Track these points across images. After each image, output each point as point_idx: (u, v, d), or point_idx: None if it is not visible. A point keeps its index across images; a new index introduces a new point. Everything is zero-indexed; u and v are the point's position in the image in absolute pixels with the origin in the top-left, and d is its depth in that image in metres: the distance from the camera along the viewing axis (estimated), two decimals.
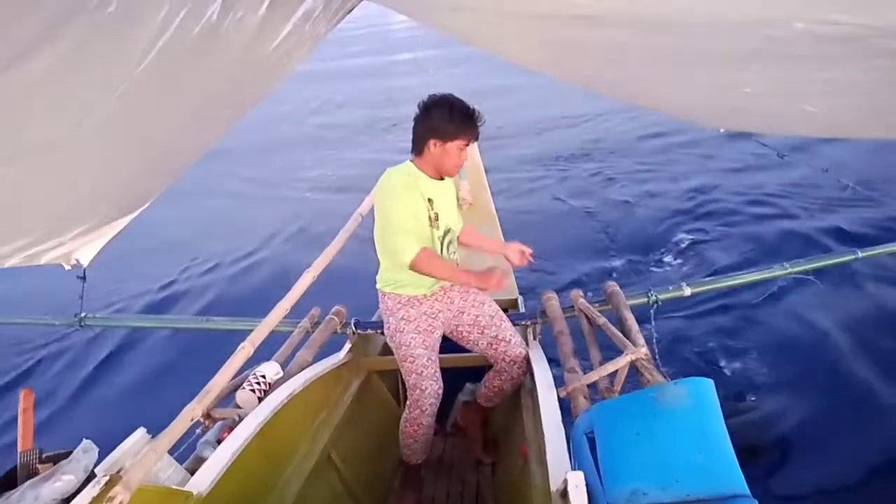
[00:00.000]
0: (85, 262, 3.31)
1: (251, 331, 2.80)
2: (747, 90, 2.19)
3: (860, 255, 3.58)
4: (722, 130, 3.29)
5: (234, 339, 2.75)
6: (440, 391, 2.80)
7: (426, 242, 2.61)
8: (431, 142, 2.54)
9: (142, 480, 1.85)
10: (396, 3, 2.74)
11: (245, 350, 2.66)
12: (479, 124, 2.56)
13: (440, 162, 2.59)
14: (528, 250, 2.85)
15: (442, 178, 2.69)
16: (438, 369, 2.81)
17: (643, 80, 2.64)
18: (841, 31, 1.40)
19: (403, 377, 2.82)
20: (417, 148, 2.61)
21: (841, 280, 5.24)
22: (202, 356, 2.35)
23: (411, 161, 2.66)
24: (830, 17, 1.37)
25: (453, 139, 2.53)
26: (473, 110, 2.54)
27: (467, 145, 2.59)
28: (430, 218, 2.62)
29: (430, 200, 2.62)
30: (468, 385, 3.51)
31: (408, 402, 2.84)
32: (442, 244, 2.70)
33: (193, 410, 2.28)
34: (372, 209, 3.80)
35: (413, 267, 2.49)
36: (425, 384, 2.75)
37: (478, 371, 3.38)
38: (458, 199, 2.93)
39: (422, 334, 2.76)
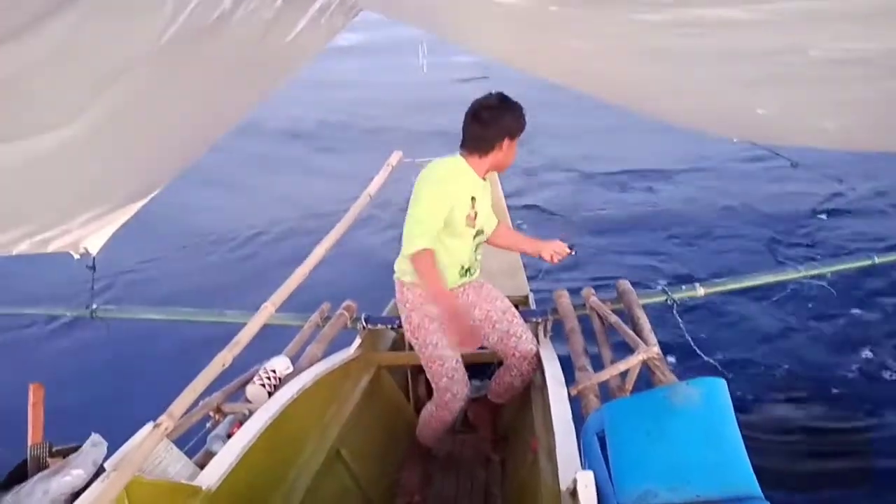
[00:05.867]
0: (94, 251, 3.31)
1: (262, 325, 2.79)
2: (760, 111, 2.18)
3: (877, 260, 3.54)
4: (735, 140, 3.25)
5: None
6: (468, 393, 2.85)
7: (461, 239, 2.63)
8: (505, 140, 2.56)
9: (151, 475, 1.86)
10: (398, 12, 2.74)
11: (267, 310, 2.69)
12: None
13: (504, 158, 2.62)
14: (566, 249, 2.88)
15: (485, 179, 2.68)
16: (465, 370, 2.83)
17: (657, 96, 2.64)
18: (854, 55, 1.40)
19: (431, 378, 2.83)
20: (482, 147, 2.58)
21: (854, 285, 5.21)
22: (215, 350, 2.35)
23: (462, 157, 2.62)
24: (844, 46, 1.37)
25: (518, 135, 2.60)
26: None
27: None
28: (469, 216, 2.60)
29: (473, 199, 2.61)
30: (475, 382, 3.50)
31: (435, 403, 2.87)
32: (475, 243, 2.71)
33: (222, 361, 2.31)
34: (380, 191, 3.82)
35: (412, 258, 2.46)
36: (456, 388, 2.78)
37: (485, 368, 3.37)
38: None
39: (446, 334, 2.74)
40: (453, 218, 2.55)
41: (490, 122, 2.54)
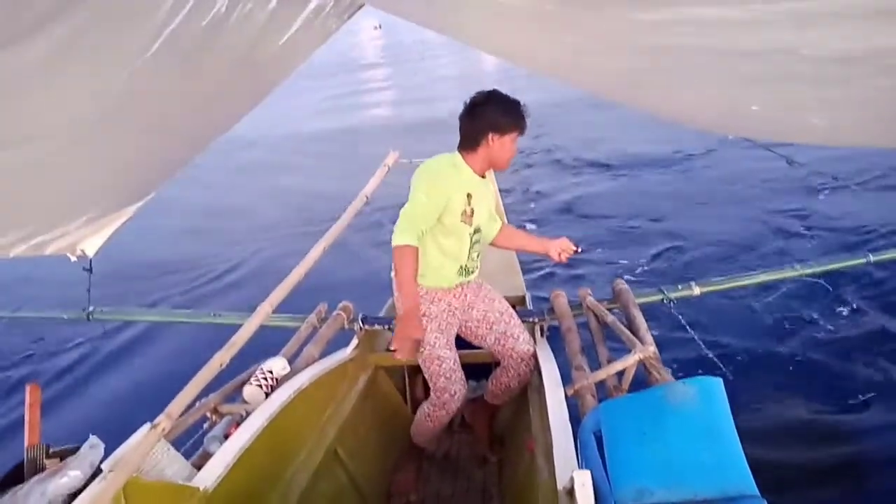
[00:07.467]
0: (90, 253, 3.31)
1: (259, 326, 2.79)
2: (754, 108, 2.20)
3: (871, 258, 3.55)
4: (730, 137, 3.27)
5: None
6: (465, 393, 2.84)
7: (456, 237, 2.61)
8: (490, 136, 2.54)
9: (148, 476, 1.86)
10: (398, 6, 2.73)
11: (264, 310, 2.70)
12: (527, 117, 2.59)
13: (496, 155, 2.59)
14: (572, 247, 2.86)
15: (483, 176, 2.67)
16: (462, 370, 2.83)
17: (652, 91, 2.65)
18: (845, 54, 1.41)
19: (428, 378, 2.81)
20: (471, 143, 2.59)
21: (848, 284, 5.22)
22: (210, 351, 2.35)
23: (459, 154, 2.63)
24: (835, 45, 1.38)
25: (510, 132, 2.56)
26: (522, 103, 2.58)
27: (519, 137, 2.62)
28: (465, 212, 2.60)
29: (469, 195, 2.60)
30: (471, 382, 3.50)
31: (432, 402, 2.86)
32: (471, 241, 2.68)
33: (219, 361, 2.32)
34: (375, 192, 3.83)
35: (394, 249, 2.47)
36: (454, 388, 2.77)
37: (481, 368, 3.37)
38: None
39: (444, 333, 2.74)
40: (449, 213, 2.55)
41: (476, 117, 2.56)
